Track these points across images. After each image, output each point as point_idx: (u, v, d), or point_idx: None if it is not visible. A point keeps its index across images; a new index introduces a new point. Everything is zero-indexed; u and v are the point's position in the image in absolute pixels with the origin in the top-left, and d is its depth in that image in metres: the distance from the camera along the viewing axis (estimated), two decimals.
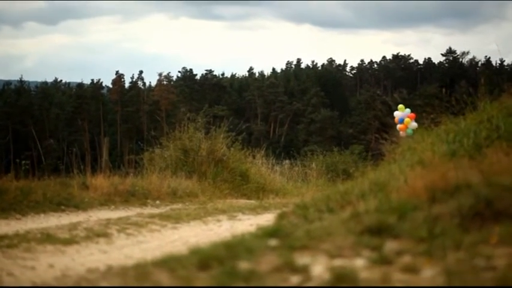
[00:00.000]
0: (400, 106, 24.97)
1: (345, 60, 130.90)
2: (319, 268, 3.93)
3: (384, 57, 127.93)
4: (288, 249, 4.38)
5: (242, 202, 15.25)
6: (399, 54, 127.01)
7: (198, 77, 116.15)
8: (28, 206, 11.05)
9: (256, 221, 9.77)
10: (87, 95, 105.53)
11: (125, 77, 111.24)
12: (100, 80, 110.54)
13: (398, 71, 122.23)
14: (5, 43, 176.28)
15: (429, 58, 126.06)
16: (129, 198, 13.34)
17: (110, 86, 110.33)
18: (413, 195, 5.50)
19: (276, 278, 3.80)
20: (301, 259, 4.12)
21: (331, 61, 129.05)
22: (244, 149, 20.29)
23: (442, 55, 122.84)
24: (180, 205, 13.44)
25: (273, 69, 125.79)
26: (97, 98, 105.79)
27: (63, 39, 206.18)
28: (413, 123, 23.27)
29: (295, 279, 3.78)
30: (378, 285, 3.63)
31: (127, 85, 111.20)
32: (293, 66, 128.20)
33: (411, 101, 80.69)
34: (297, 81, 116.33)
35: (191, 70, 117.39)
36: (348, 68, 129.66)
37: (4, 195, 11.06)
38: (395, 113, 24.74)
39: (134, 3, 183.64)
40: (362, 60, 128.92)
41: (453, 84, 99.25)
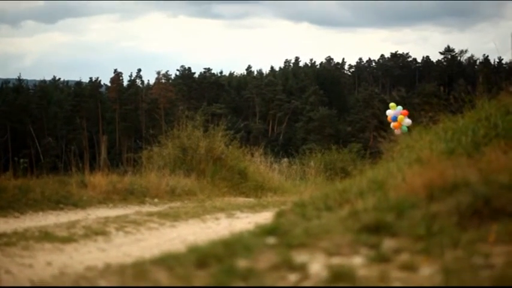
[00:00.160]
0: (392, 104, 24.86)
1: (343, 58, 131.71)
2: (317, 266, 3.93)
3: (382, 55, 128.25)
4: (286, 247, 4.38)
5: (240, 200, 15.25)
6: (397, 52, 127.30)
7: (197, 76, 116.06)
8: (26, 204, 11.05)
9: (254, 219, 9.76)
10: (85, 94, 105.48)
11: (124, 76, 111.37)
12: (98, 79, 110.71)
13: (396, 70, 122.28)
14: (4, 42, 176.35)
15: (427, 56, 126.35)
16: (128, 196, 13.32)
17: (109, 85, 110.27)
18: (411, 193, 5.50)
19: (274, 276, 3.80)
20: (299, 257, 4.12)
21: (329, 59, 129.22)
22: (242, 147, 20.28)
23: (441, 53, 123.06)
24: (179, 203, 13.43)
25: (272, 67, 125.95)
26: (95, 97, 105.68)
27: (61, 37, 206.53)
28: (406, 119, 23.17)
29: (293, 277, 3.79)
30: (376, 283, 3.63)
31: (125, 83, 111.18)
32: (291, 64, 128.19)
33: (409, 100, 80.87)
34: (296, 79, 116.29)
35: (189, 68, 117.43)
36: (346, 67, 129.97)
37: (2, 193, 11.06)
38: (387, 112, 24.62)
39: (133, 2, 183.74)
40: (360, 58, 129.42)
41: (451, 82, 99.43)
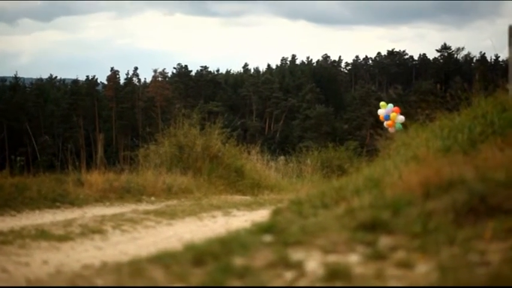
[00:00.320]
0: (382, 103, 24.78)
1: (340, 56, 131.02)
2: (313, 264, 3.94)
3: (379, 53, 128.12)
4: (283, 245, 4.38)
5: (237, 198, 15.26)
6: (394, 50, 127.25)
7: (193, 73, 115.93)
8: (23, 203, 11.04)
9: (251, 217, 9.76)
10: (82, 92, 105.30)
11: (120, 74, 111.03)
12: (95, 77, 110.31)
13: (393, 67, 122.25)
14: (0, 40, 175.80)
15: (424, 54, 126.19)
16: (124, 194, 13.33)
17: (105, 83, 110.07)
18: (407, 190, 5.50)
19: (270, 274, 3.80)
20: (295, 255, 4.12)
21: (326, 57, 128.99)
22: (239, 145, 20.30)
23: (437, 51, 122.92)
24: (175, 201, 13.43)
25: (268, 65, 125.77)
26: (92, 95, 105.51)
27: (58, 35, 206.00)
28: (399, 116, 23.13)
29: (289, 274, 3.79)
30: (372, 280, 3.63)
31: (122, 81, 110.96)
32: (288, 62, 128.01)
33: (406, 97, 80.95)
34: (292, 77, 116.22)
35: (186, 66, 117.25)
36: (343, 64, 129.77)
37: None
38: (379, 111, 24.55)
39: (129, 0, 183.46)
40: (357, 56, 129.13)
41: (448, 80, 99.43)
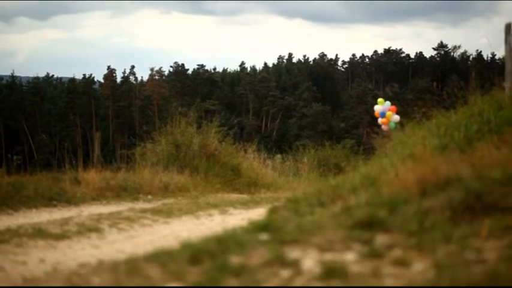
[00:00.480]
0: (380, 100, 24.68)
1: (337, 54, 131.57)
2: (309, 262, 3.94)
3: (376, 51, 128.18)
4: (279, 243, 4.38)
5: (234, 196, 15.26)
6: (391, 48, 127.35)
7: (190, 72, 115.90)
8: (20, 201, 11.03)
9: (247, 216, 9.76)
10: (79, 90, 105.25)
11: (117, 72, 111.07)
12: (92, 75, 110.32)
13: (389, 65, 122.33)
14: None
15: (421, 52, 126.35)
16: (121, 193, 13.31)
17: (102, 81, 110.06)
18: (404, 189, 5.50)
19: (267, 272, 3.81)
20: (291, 253, 4.13)
21: (322, 55, 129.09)
22: (236, 144, 20.30)
23: (434, 49, 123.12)
24: (172, 200, 13.42)
25: (265, 63, 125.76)
26: (89, 93, 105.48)
27: (54, 34, 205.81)
28: (395, 116, 23.08)
29: (285, 273, 3.79)
30: (369, 278, 3.63)
31: (119, 80, 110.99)
32: (285, 60, 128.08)
33: (403, 95, 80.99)
34: (289, 75, 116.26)
35: (183, 65, 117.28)
36: (340, 63, 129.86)
37: None
38: (375, 107, 24.42)
39: None
40: (353, 54, 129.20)
41: (444, 78, 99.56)
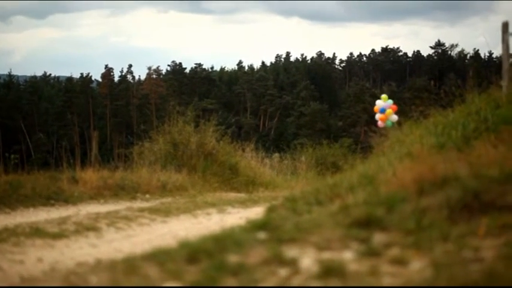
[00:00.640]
0: (384, 96, 24.93)
1: (334, 53, 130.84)
2: (307, 261, 3.94)
3: (373, 50, 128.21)
4: (277, 242, 4.38)
5: (232, 195, 15.26)
6: (388, 47, 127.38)
7: (188, 71, 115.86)
8: (17, 200, 11.03)
9: (245, 214, 9.76)
10: (76, 89, 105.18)
11: (114, 71, 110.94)
12: (89, 74, 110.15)
13: (387, 64, 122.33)
14: None
15: (418, 51, 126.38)
16: (119, 192, 13.31)
17: (99, 80, 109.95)
18: (401, 187, 5.50)
19: (265, 271, 3.81)
20: (289, 252, 4.13)
21: (320, 54, 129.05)
22: (233, 143, 20.29)
23: (431, 48, 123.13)
24: (170, 199, 13.41)
25: (263, 62, 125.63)
26: (86, 92, 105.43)
27: (52, 33, 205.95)
28: (394, 115, 23.19)
29: (283, 272, 3.79)
30: (366, 277, 3.64)
31: (116, 79, 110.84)
32: (282, 59, 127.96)
33: (400, 94, 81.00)
34: (287, 74, 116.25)
35: (180, 64, 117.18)
36: (337, 61, 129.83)
37: None
38: (377, 102, 24.65)
39: None
40: (351, 53, 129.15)
41: (442, 76, 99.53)
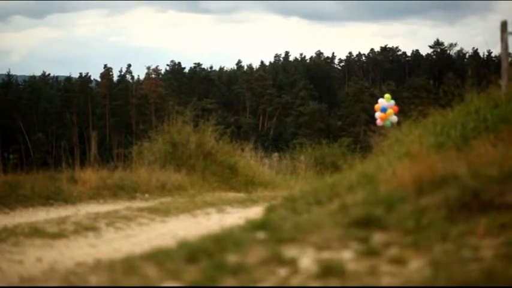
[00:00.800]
0: (387, 96, 25.06)
1: (333, 52, 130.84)
2: (306, 260, 3.94)
3: (372, 49, 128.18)
4: (276, 241, 4.39)
5: (231, 195, 15.25)
6: (387, 46, 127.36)
7: (187, 70, 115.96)
8: (16, 200, 11.03)
9: (245, 214, 9.75)
10: (75, 89, 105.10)
11: (113, 71, 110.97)
12: (88, 74, 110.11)
13: (386, 63, 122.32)
14: None
15: (417, 50, 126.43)
16: (118, 192, 13.31)
17: (99, 80, 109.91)
18: (400, 187, 5.51)
19: (264, 271, 3.81)
20: (289, 252, 4.13)
21: (319, 54, 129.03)
22: (233, 142, 20.27)
23: (430, 47, 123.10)
24: (169, 198, 13.41)
25: (262, 62, 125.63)
26: (85, 92, 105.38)
27: (50, 32, 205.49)
28: (394, 116, 23.25)
29: (283, 271, 3.79)
30: (366, 277, 3.64)
31: (115, 79, 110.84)
32: (281, 59, 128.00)
33: (399, 93, 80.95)
34: (286, 74, 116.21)
35: (179, 63, 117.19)
36: (336, 61, 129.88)
37: None
38: (379, 100, 24.77)
39: None
40: (350, 52, 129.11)
41: (441, 76, 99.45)
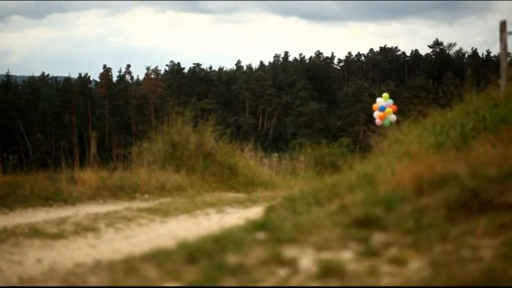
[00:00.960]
0: (385, 95, 25.07)
1: (333, 52, 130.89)
2: (306, 261, 3.94)
3: (371, 49, 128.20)
4: (276, 242, 4.39)
5: (231, 195, 15.24)
6: (386, 46, 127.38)
7: (186, 71, 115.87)
8: (16, 201, 11.02)
9: (244, 214, 9.75)
10: (74, 89, 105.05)
11: (113, 71, 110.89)
12: (88, 74, 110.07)
13: (385, 63, 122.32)
14: None
15: (416, 50, 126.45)
16: (118, 192, 13.31)
17: (98, 80, 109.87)
18: (400, 187, 5.51)
19: (264, 271, 3.81)
20: (288, 252, 4.13)
21: (318, 54, 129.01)
22: (232, 143, 20.27)
23: (429, 47, 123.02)
24: (169, 199, 13.41)
25: (261, 62, 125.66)
26: (85, 92, 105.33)
27: (49, 33, 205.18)
28: (393, 115, 23.23)
29: (282, 272, 3.79)
30: (365, 277, 3.64)
31: (115, 79, 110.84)
32: (281, 59, 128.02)
33: (398, 93, 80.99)
34: (285, 74, 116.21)
35: (179, 64, 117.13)
36: (336, 61, 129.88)
37: None
38: (377, 99, 24.77)
39: None
40: (349, 52, 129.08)
41: (440, 75, 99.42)
